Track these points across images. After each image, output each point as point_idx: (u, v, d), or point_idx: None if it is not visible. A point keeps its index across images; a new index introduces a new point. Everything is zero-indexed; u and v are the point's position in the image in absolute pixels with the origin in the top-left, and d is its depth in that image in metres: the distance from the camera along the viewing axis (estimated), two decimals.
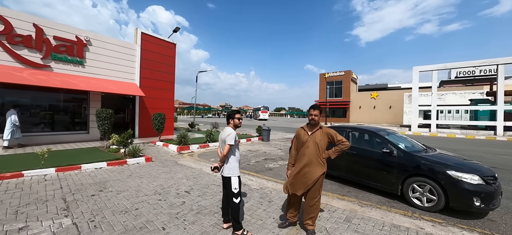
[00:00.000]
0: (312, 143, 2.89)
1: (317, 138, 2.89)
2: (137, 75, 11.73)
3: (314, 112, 2.93)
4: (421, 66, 22.38)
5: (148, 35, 12.19)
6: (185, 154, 8.63)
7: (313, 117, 2.93)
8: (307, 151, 2.88)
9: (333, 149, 2.89)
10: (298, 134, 3.09)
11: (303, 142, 2.95)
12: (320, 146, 2.87)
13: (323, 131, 2.93)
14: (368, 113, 38.43)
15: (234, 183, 2.80)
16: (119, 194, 4.14)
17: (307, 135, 2.95)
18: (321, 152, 2.88)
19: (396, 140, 4.75)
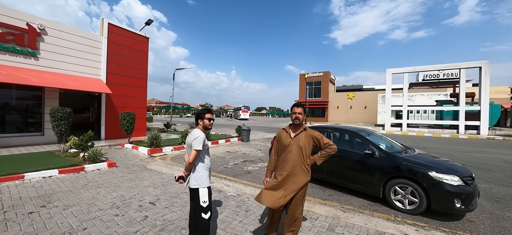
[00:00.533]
0: (295, 147, 2.51)
1: (301, 142, 2.51)
2: (103, 70, 10.61)
3: (297, 110, 2.56)
4: (394, 69, 23.57)
5: (116, 26, 11.11)
6: (156, 157, 7.90)
7: (296, 116, 2.55)
8: (290, 157, 2.50)
9: (319, 154, 2.56)
10: (279, 136, 2.68)
11: (285, 146, 2.56)
12: (305, 150, 2.50)
13: (307, 134, 2.56)
14: (345, 113, 39.85)
15: (202, 195, 2.34)
16: (65, 210, 3.45)
17: (290, 138, 2.56)
18: (306, 158, 2.51)
19: (376, 140, 4.62)
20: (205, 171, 2.38)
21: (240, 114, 52.17)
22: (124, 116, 9.38)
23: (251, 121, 45.57)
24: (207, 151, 2.44)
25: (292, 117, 2.59)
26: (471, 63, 20.22)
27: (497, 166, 7.75)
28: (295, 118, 2.57)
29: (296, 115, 2.56)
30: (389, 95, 23.45)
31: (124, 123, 9.37)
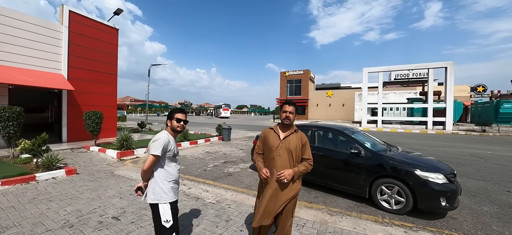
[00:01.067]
0: (284, 151, 2.17)
1: (291, 144, 2.18)
2: (64, 64, 9.42)
3: (289, 108, 2.21)
4: (369, 68, 24.55)
5: (79, 15, 9.92)
6: (127, 161, 7.16)
7: (287, 115, 2.20)
8: (278, 161, 2.16)
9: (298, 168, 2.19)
10: (265, 136, 2.31)
11: (272, 149, 2.21)
12: (295, 155, 2.19)
13: (298, 136, 2.25)
14: (324, 110, 40.95)
15: (163, 213, 1.89)
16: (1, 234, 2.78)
17: (278, 140, 2.22)
18: (296, 163, 2.21)
19: (361, 138, 4.50)
20: (166, 183, 1.92)
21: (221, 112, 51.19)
22: (90, 115, 8.40)
23: (232, 119, 44.92)
24: (172, 158, 1.98)
25: (282, 116, 2.24)
26: (438, 63, 21.73)
27: (465, 159, 8.23)
28: (285, 117, 2.22)
29: (286, 114, 2.21)
30: (366, 93, 24.40)
31: (89, 123, 8.39)
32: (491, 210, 3.90)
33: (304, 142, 2.25)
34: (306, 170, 2.19)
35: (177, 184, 2.04)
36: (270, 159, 2.22)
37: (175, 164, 2.03)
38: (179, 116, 2.02)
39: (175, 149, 2.00)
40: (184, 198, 4.12)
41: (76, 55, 9.80)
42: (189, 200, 4.01)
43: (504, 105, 19.78)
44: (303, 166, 2.19)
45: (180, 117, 2.02)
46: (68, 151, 8.02)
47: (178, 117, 2.01)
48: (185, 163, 6.90)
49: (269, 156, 2.24)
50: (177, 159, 2.06)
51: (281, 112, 2.26)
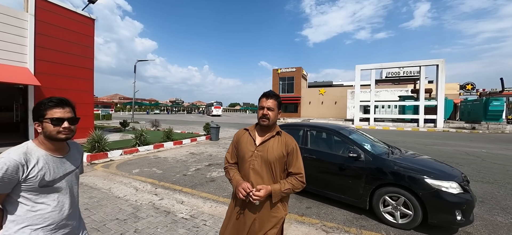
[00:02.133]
0: (260, 162, 1.52)
1: (270, 153, 1.52)
2: (30, 56, 8.41)
3: (268, 102, 1.55)
4: (362, 65, 24.34)
5: (48, 2, 8.90)
6: (98, 164, 6.36)
7: (264, 113, 1.54)
8: (253, 177, 1.52)
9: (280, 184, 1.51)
10: (238, 139, 1.67)
11: (245, 159, 1.56)
12: (277, 168, 1.53)
13: (282, 141, 1.58)
14: (317, 108, 40.74)
15: None
16: None
17: (253, 146, 1.57)
18: (277, 178, 1.54)
19: (360, 140, 3.93)
20: (20, 233, 1.07)
21: (213, 110, 50.27)
22: None
23: (224, 117, 44.12)
24: (41, 190, 1.11)
25: (259, 113, 1.58)
26: (430, 61, 21.71)
27: (462, 158, 7.89)
28: (262, 116, 1.55)
29: (263, 112, 1.54)
30: (358, 90, 24.19)
31: None
32: (506, 220, 3.42)
33: (290, 149, 1.55)
34: (293, 189, 1.51)
35: (61, 230, 1.17)
36: (242, 174, 1.58)
37: (53, 198, 1.15)
38: (57, 113, 1.13)
39: (48, 173, 1.13)
40: (152, 212, 3.43)
41: (45, 47, 8.80)
42: (157, 216, 3.32)
43: (493, 102, 19.96)
44: (289, 183, 1.50)
45: (60, 114, 1.14)
46: None
47: (57, 117, 1.12)
48: (164, 167, 6.18)
49: (241, 169, 1.60)
50: (62, 189, 1.18)
51: (258, 108, 1.59)
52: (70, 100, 1.23)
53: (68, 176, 1.24)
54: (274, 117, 1.55)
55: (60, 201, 1.19)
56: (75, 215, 1.30)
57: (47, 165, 1.14)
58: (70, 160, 1.27)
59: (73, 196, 1.27)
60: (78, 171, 1.34)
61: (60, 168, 1.19)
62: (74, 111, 1.24)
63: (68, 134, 1.18)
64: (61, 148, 1.23)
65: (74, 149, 1.34)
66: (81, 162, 1.41)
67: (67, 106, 1.20)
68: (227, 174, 1.64)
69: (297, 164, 1.55)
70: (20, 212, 1.09)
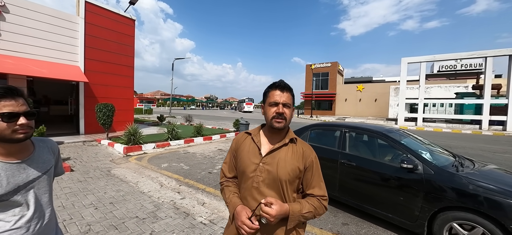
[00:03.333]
0: (266, 178, 1.12)
1: (281, 168, 1.12)
2: (80, 56, 9.33)
3: (283, 96, 1.13)
4: (409, 58, 21.54)
5: (96, 6, 9.74)
6: (132, 157, 6.65)
7: (280, 112, 1.11)
8: (254, 201, 1.12)
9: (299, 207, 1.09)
10: (236, 146, 1.27)
11: (247, 173, 1.16)
12: (287, 187, 1.12)
13: (297, 151, 1.17)
14: (354, 106, 37.86)
15: None
16: None
17: (259, 156, 1.16)
18: (289, 197, 1.13)
19: (415, 146, 3.15)
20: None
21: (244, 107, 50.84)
22: (100, 108, 8.12)
23: (255, 113, 44.25)
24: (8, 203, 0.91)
25: (270, 111, 1.14)
26: (499, 51, 18.02)
27: None
28: (276, 115, 1.12)
29: (279, 109, 1.11)
30: (404, 86, 21.52)
31: (100, 116, 8.13)
32: None
33: (309, 163, 1.16)
34: (314, 214, 1.11)
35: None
36: (242, 195, 1.18)
37: (12, 213, 0.92)
38: (8, 106, 0.87)
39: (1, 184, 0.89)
40: (171, 213, 3.26)
41: (92, 47, 9.67)
42: (175, 217, 3.14)
43: None
44: (311, 205, 1.11)
45: (11, 108, 0.87)
46: (80, 144, 7.86)
47: (8, 111, 0.87)
48: (191, 163, 6.14)
49: (242, 188, 1.19)
50: (24, 201, 0.95)
51: (268, 104, 1.15)
52: (20, 88, 0.95)
53: (32, 184, 0.98)
54: (291, 116, 1.16)
55: (24, 216, 0.95)
56: (49, 229, 1.06)
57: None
58: (33, 165, 1.00)
59: (43, 207, 1.02)
60: (48, 176, 1.07)
61: (17, 177, 0.94)
62: (28, 103, 0.96)
63: (27, 132, 0.92)
64: (17, 151, 0.96)
65: (41, 149, 1.08)
66: (56, 163, 1.16)
67: (19, 96, 0.92)
68: (223, 194, 1.25)
69: (319, 183, 1.17)
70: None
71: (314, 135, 4.20)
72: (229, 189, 1.23)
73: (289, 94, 1.15)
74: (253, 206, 1.10)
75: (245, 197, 1.16)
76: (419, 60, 20.96)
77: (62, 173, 1.25)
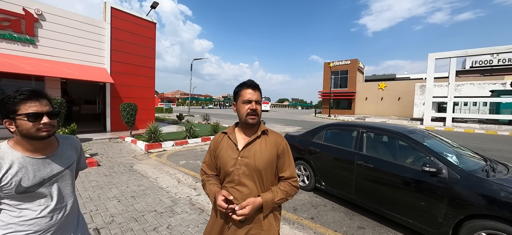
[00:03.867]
0: (246, 170, 1.24)
1: (258, 158, 1.24)
2: (107, 58, 9.98)
3: (255, 94, 1.27)
4: (437, 53, 20.10)
5: (120, 11, 10.34)
6: (153, 153, 6.98)
7: (253, 108, 1.25)
8: (236, 192, 1.23)
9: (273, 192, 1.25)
10: (214, 147, 1.37)
11: (228, 168, 1.27)
12: (266, 175, 1.26)
13: (270, 141, 1.31)
14: (375, 105, 36.22)
15: None
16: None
17: (235, 151, 1.28)
18: (267, 187, 1.28)
19: (439, 148, 2.95)
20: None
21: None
22: (124, 107, 8.63)
23: (271, 112, 44.15)
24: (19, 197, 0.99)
25: (243, 109, 1.26)
26: None
27: None
28: (250, 112, 1.25)
29: (252, 106, 1.25)
30: (431, 84, 20.12)
31: (124, 115, 8.64)
32: None
33: (281, 149, 1.31)
34: (286, 197, 1.27)
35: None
36: (226, 182, 1.29)
37: (37, 203, 1.03)
38: (33, 107, 0.96)
39: (25, 178, 0.99)
40: (187, 208, 3.38)
41: (117, 50, 10.28)
42: (191, 213, 3.25)
43: None
44: (282, 191, 1.26)
45: (36, 108, 0.96)
46: (106, 141, 8.41)
47: (33, 112, 0.95)
48: None
49: (224, 183, 1.31)
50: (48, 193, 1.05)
51: (241, 102, 1.28)
52: (43, 90, 1.05)
53: (56, 178, 1.09)
54: (261, 112, 1.30)
55: (48, 207, 1.05)
56: (71, 219, 1.16)
57: (25, 169, 0.99)
58: (57, 160, 1.11)
59: (65, 199, 1.13)
60: (70, 170, 1.18)
61: (42, 171, 1.04)
62: (51, 103, 1.06)
63: (49, 130, 1.01)
64: (42, 147, 1.07)
65: (65, 146, 1.18)
66: (79, 158, 1.27)
67: (43, 98, 1.02)
68: (204, 189, 1.35)
69: (290, 166, 1.33)
70: (4, 218, 0.99)
71: (330, 135, 4.10)
72: (209, 182, 1.34)
73: (259, 93, 1.29)
74: (236, 198, 1.21)
75: (230, 193, 1.24)
76: (448, 56, 19.49)
77: (85, 168, 1.36)
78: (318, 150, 3.98)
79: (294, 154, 4.43)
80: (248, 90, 1.27)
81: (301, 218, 3.23)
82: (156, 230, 2.78)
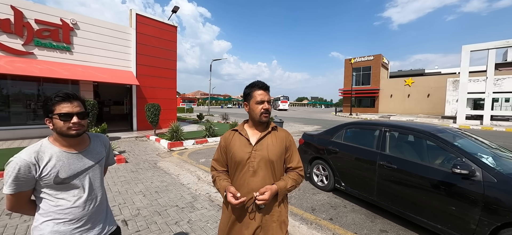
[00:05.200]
0: (262, 162, 1.35)
1: (271, 151, 1.38)
2: (133, 62, 10.62)
3: (266, 95, 1.40)
4: (473, 45, 18.36)
5: (145, 17, 10.93)
6: (175, 151, 7.30)
7: (266, 108, 1.37)
8: (253, 183, 1.33)
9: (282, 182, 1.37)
10: (226, 143, 1.46)
11: (241, 163, 1.37)
12: (277, 166, 1.39)
13: (280, 136, 1.45)
14: (401, 102, 34.13)
15: None
16: None
17: (249, 146, 1.38)
18: (278, 178, 1.40)
19: (473, 148, 2.71)
20: (50, 226, 1.10)
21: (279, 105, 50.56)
22: (149, 107, 9.13)
23: (290, 111, 43.69)
24: (58, 187, 1.11)
25: (257, 109, 1.37)
26: None
27: None
28: (264, 111, 1.37)
29: (264, 106, 1.37)
30: (465, 79, 18.46)
31: (148, 115, 9.14)
32: None
33: (288, 142, 1.46)
34: (295, 185, 1.40)
35: (83, 226, 1.17)
36: (240, 178, 1.37)
37: (72, 194, 1.15)
38: (65, 108, 1.08)
39: (62, 170, 1.11)
40: (206, 205, 3.50)
41: (142, 53, 10.89)
42: (210, 209, 3.35)
43: None
44: (292, 179, 1.39)
45: (68, 109, 1.08)
46: (133, 139, 8.97)
47: (65, 112, 1.07)
48: None
49: (238, 176, 1.38)
50: (81, 185, 1.17)
51: (253, 102, 1.38)
52: (77, 94, 1.17)
53: (87, 171, 1.21)
54: (270, 111, 1.42)
55: (81, 197, 1.18)
56: (101, 209, 1.28)
57: (61, 162, 1.12)
58: (88, 155, 1.23)
59: (95, 191, 1.25)
60: (100, 165, 1.30)
61: (76, 164, 1.17)
62: (83, 105, 1.18)
63: (78, 129, 1.13)
64: (76, 143, 1.19)
65: (96, 142, 1.31)
66: (108, 155, 1.40)
67: (75, 99, 1.14)
68: (215, 184, 1.45)
69: (296, 157, 1.47)
70: (45, 207, 1.12)
71: (350, 134, 3.97)
72: (219, 178, 1.43)
73: (268, 92, 1.42)
74: (251, 189, 1.31)
75: (242, 184, 1.35)
76: (486, 47, 17.70)
77: (113, 163, 1.49)
78: (337, 149, 3.88)
79: (313, 153, 4.36)
80: (259, 92, 1.38)
81: (320, 219, 3.18)
82: (178, 224, 2.92)
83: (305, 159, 4.47)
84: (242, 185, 1.35)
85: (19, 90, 8.43)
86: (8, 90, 8.24)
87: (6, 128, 7.98)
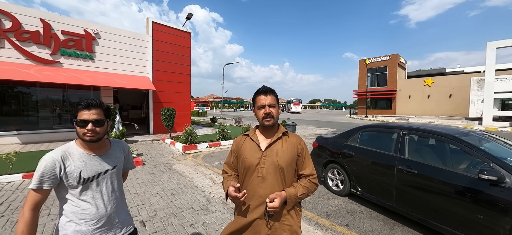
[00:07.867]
0: (271, 168, 1.33)
1: (281, 156, 1.35)
2: (149, 68, 11.04)
3: (267, 98, 1.37)
4: (499, 41, 17.22)
5: (160, 24, 11.36)
6: (190, 154, 7.46)
7: (268, 112, 1.35)
8: (262, 189, 1.32)
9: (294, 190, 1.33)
10: (237, 148, 1.48)
11: (251, 168, 1.36)
12: (287, 172, 1.36)
13: (291, 142, 1.41)
14: (420, 103, 32.62)
15: None
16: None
17: (259, 152, 1.38)
18: (288, 185, 1.36)
19: (501, 152, 2.54)
20: (73, 227, 1.18)
21: (292, 107, 50.20)
22: (165, 111, 9.42)
23: (303, 114, 43.19)
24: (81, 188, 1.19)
25: (259, 114, 1.38)
26: None
27: None
28: (265, 115, 1.35)
29: (266, 110, 1.35)
30: (491, 77, 17.31)
31: (164, 118, 9.43)
32: None
33: (300, 149, 1.41)
34: (307, 193, 1.35)
35: (103, 227, 1.23)
36: (250, 184, 1.35)
37: (91, 196, 1.22)
38: (84, 115, 1.16)
39: (84, 170, 1.19)
40: (221, 207, 3.54)
41: (158, 60, 11.29)
42: (224, 212, 3.39)
43: None
44: (304, 187, 1.34)
45: (85, 116, 1.16)
46: (149, 142, 9.28)
47: (82, 119, 1.16)
48: None
49: (247, 181, 1.37)
50: (100, 187, 1.25)
51: (256, 108, 1.40)
52: (100, 101, 1.24)
53: (106, 174, 1.28)
54: (277, 114, 1.39)
55: (100, 199, 1.25)
56: (119, 211, 1.35)
57: (84, 163, 1.21)
58: (108, 159, 1.31)
59: (112, 194, 1.31)
60: (118, 169, 1.36)
61: (97, 166, 1.25)
62: (103, 113, 1.25)
63: (92, 136, 1.19)
64: (97, 147, 1.27)
65: (115, 148, 1.39)
66: (126, 159, 1.46)
67: (94, 108, 1.20)
68: (223, 186, 1.44)
69: (309, 164, 1.42)
70: (67, 208, 1.20)
71: (366, 137, 3.86)
72: (227, 179, 1.45)
73: (272, 96, 1.38)
74: (259, 194, 1.30)
75: (251, 189, 1.33)
76: None
77: (133, 168, 1.56)
78: (353, 153, 3.78)
79: (327, 157, 4.28)
80: (261, 96, 1.38)
81: (335, 225, 3.11)
82: (193, 226, 2.97)
83: (319, 163, 4.39)
84: (250, 190, 1.34)
85: (46, 96, 9.04)
86: (37, 96, 8.87)
87: (35, 132, 8.58)
